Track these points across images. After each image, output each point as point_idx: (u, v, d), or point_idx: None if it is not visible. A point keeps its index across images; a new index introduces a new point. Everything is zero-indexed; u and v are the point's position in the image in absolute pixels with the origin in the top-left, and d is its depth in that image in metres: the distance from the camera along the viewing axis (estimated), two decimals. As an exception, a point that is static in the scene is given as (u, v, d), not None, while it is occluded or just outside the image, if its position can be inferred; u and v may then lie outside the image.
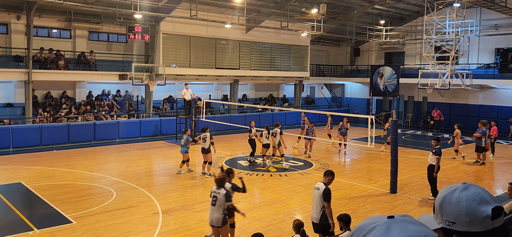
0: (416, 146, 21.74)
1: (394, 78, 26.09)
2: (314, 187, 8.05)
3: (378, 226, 1.32)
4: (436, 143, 12.34)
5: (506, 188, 7.81)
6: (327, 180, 7.97)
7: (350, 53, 35.97)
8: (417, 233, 1.31)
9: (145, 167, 16.63)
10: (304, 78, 31.35)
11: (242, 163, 16.89)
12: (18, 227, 9.56)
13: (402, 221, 1.34)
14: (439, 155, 12.14)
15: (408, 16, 31.85)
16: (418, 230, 1.32)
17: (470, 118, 28.58)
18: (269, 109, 28.98)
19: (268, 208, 11.29)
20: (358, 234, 1.35)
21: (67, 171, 15.10)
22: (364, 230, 1.34)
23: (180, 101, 23.85)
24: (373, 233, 1.31)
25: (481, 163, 17.38)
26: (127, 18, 22.30)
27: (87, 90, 24.13)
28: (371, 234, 1.32)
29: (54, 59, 21.56)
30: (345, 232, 6.67)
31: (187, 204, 11.44)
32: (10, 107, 21.64)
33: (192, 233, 9.34)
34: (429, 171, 12.38)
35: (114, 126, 21.90)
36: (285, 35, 28.86)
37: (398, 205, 11.91)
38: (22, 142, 19.00)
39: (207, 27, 25.06)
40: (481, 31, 28.01)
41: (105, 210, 10.80)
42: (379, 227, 1.32)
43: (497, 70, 27.11)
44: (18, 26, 21.55)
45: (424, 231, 1.33)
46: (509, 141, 24.38)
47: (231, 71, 27.00)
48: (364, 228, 1.35)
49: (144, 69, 22.67)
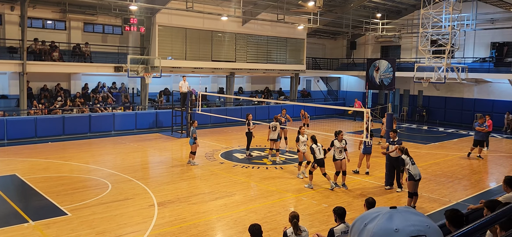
0: (411, 139, 21.82)
1: (390, 71, 26.07)
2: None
3: (380, 215, 1.34)
4: (395, 135, 12.42)
5: (501, 182, 7.86)
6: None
7: (346, 46, 35.95)
8: (420, 223, 1.31)
9: (141, 159, 16.60)
10: (300, 71, 31.33)
11: (238, 156, 16.90)
12: (13, 219, 9.54)
13: (405, 211, 1.36)
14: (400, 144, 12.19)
15: (404, 10, 31.84)
16: (420, 220, 1.32)
17: (465, 112, 28.74)
18: (264, 102, 28.96)
19: (263, 200, 11.31)
20: (361, 223, 1.36)
21: (62, 163, 15.05)
22: (366, 219, 1.36)
23: (176, 93, 23.79)
24: (375, 221, 1.33)
25: (477, 156, 17.47)
26: (122, 9, 22.14)
27: (82, 82, 23.99)
28: (374, 222, 1.33)
29: (49, 50, 21.40)
30: (339, 224, 6.69)
31: (183, 196, 11.44)
32: (4, 99, 21.49)
33: (187, 225, 9.35)
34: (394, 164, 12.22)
35: (110, 118, 21.81)
36: (281, 28, 28.79)
37: (393, 198, 11.97)
38: (17, 134, 18.90)
39: (203, 19, 24.94)
40: (477, 25, 28.06)
41: (101, 202, 10.79)
42: (382, 216, 1.33)
43: (493, 64, 27.21)
44: (12, 17, 21.35)
45: (426, 221, 1.34)
46: (503, 135, 24.53)
47: (227, 64, 26.92)
48: (367, 217, 1.37)
49: (140, 61, 22.56)
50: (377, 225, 1.31)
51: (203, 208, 10.60)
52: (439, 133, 25.21)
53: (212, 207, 10.64)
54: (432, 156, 17.85)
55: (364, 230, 1.34)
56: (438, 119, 29.78)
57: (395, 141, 12.36)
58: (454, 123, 28.62)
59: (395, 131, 12.72)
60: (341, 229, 6.62)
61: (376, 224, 1.31)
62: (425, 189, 12.81)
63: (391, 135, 12.50)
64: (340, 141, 12.43)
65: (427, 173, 14.81)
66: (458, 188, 13.13)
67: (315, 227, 9.37)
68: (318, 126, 23.04)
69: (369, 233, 1.31)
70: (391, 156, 12.37)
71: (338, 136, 12.48)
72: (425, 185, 13.19)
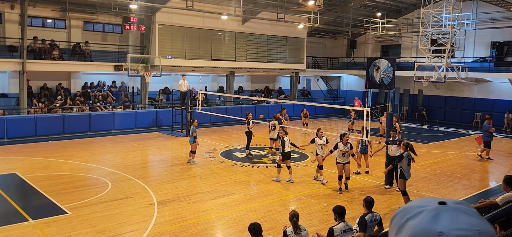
0: (411, 138, 21.75)
1: (390, 70, 26.06)
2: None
3: (425, 212, 1.15)
4: (395, 135, 12.39)
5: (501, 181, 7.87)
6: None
7: (346, 45, 35.94)
8: (470, 226, 1.10)
9: (141, 158, 16.60)
10: (300, 70, 31.32)
11: (237, 155, 16.90)
12: (13, 217, 9.54)
13: (455, 209, 1.15)
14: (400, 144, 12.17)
15: (404, 9, 31.83)
16: (471, 223, 1.11)
17: (464, 111, 28.74)
18: (264, 101, 28.96)
19: (263, 199, 11.32)
20: (401, 217, 1.19)
21: (62, 162, 15.05)
22: (409, 213, 1.17)
23: (176, 92, 23.78)
24: (418, 218, 1.15)
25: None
26: (122, 8, 22.13)
27: (82, 81, 23.99)
28: (416, 219, 1.15)
29: (49, 49, 21.39)
30: (339, 223, 6.71)
31: (183, 195, 11.44)
32: (4, 98, 21.49)
33: (187, 224, 9.35)
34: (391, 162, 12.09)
35: (110, 117, 21.81)
36: (281, 27, 28.78)
37: (392, 197, 11.97)
38: (17, 132, 18.90)
39: (203, 18, 24.93)
40: (477, 24, 28.04)
41: (101, 201, 10.79)
42: (427, 213, 1.15)
43: (493, 64, 27.20)
44: (12, 15, 21.34)
45: (479, 224, 1.12)
46: (503, 134, 24.53)
47: (227, 63, 26.91)
48: (410, 211, 1.18)
49: (140, 60, 22.55)
50: (418, 224, 1.13)
51: (203, 207, 10.60)
52: (439, 132, 25.21)
53: (212, 206, 10.65)
54: (432, 155, 17.85)
55: (404, 225, 1.16)
56: (438, 118, 29.78)
57: (396, 141, 12.35)
58: (454, 123, 28.63)
59: (394, 130, 12.69)
60: (341, 228, 6.63)
61: (418, 222, 1.14)
62: (425, 188, 12.82)
63: (392, 135, 12.49)
64: (344, 144, 12.00)
65: (426, 172, 14.82)
66: (458, 187, 13.13)
67: (315, 226, 9.37)
68: (318, 125, 23.02)
69: (409, 232, 1.14)
70: (391, 155, 12.36)
71: (343, 138, 12.04)
72: (424, 184, 13.21)
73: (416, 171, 14.92)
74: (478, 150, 17.78)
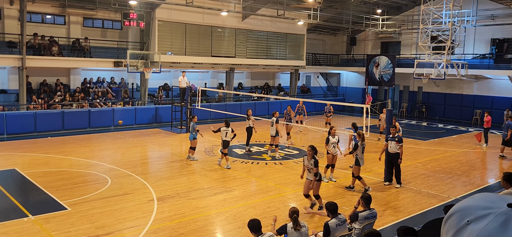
0: (410, 135, 21.83)
1: (389, 67, 26.04)
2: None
3: (492, 216, 0.95)
4: (395, 131, 12.42)
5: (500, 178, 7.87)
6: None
7: (346, 42, 35.91)
8: None
9: (140, 154, 16.60)
10: (300, 67, 31.30)
11: (237, 151, 16.91)
12: (12, 213, 9.55)
13: None
14: (401, 142, 12.31)
15: (405, 6, 31.78)
16: None
17: (464, 108, 28.75)
18: (264, 98, 28.95)
19: (263, 196, 11.34)
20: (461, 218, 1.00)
21: (62, 158, 15.06)
22: (470, 215, 0.99)
23: (176, 88, 23.76)
24: (483, 222, 0.95)
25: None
26: (122, 4, 22.08)
27: (82, 77, 23.97)
28: (481, 223, 0.95)
29: (48, 45, 21.36)
30: (332, 218, 7.07)
31: (182, 191, 11.46)
32: (3, 94, 21.47)
33: (187, 221, 9.37)
34: (393, 160, 12.34)
35: (109, 113, 21.80)
36: (281, 24, 28.74)
37: (391, 194, 11.99)
38: (16, 128, 18.90)
39: (203, 15, 24.89)
40: (478, 21, 28.01)
41: (100, 197, 10.80)
42: (495, 218, 0.95)
43: (493, 61, 27.19)
44: (11, 11, 21.29)
45: None
46: (503, 131, 24.49)
47: (227, 59, 26.89)
48: (471, 211, 0.99)
49: (139, 56, 22.52)
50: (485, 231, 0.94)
51: (202, 203, 10.62)
52: (438, 129, 25.23)
53: (211, 202, 10.66)
54: (431, 152, 17.87)
55: (465, 229, 0.98)
56: (437, 115, 29.79)
57: (395, 137, 12.36)
58: (454, 120, 28.65)
59: (394, 127, 12.70)
60: (335, 222, 7.03)
61: (484, 228, 0.94)
62: (424, 185, 12.84)
63: (391, 131, 12.50)
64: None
65: (426, 169, 14.84)
66: (457, 184, 13.15)
67: (314, 222, 9.40)
68: (317, 122, 23.05)
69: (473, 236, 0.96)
70: (390, 152, 12.39)
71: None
72: (424, 181, 13.23)
73: (416, 168, 14.95)
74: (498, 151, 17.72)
